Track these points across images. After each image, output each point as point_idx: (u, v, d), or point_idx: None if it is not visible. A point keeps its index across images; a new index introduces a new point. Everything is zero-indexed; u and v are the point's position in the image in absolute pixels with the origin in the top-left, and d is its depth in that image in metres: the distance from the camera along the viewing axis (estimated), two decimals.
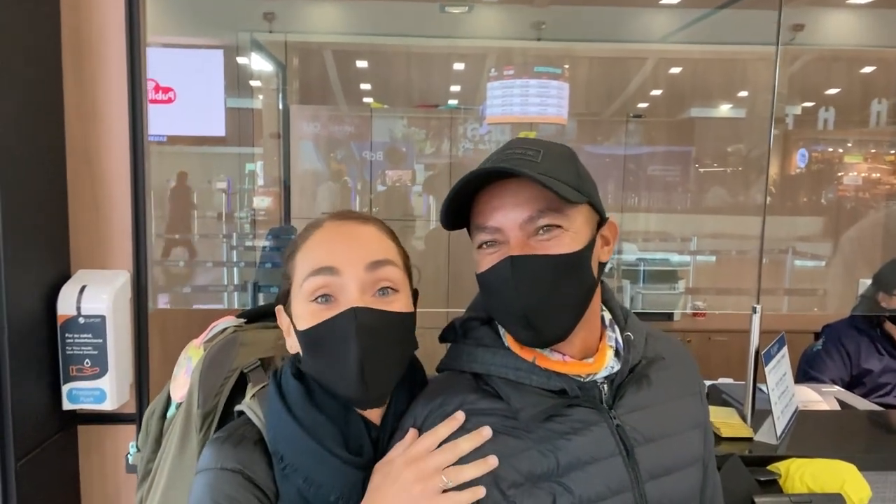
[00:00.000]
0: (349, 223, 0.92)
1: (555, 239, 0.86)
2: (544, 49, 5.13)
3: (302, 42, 5.37)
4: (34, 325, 1.47)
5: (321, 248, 0.89)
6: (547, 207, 0.85)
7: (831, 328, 2.64)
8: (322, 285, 0.86)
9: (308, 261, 0.88)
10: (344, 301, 0.86)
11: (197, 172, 4.86)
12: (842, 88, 5.58)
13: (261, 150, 5.01)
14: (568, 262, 0.86)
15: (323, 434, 0.86)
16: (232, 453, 0.86)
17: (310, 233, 0.92)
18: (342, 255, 0.87)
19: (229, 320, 1.11)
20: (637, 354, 0.95)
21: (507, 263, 0.85)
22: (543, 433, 0.87)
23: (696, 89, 5.61)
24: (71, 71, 1.55)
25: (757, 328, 1.76)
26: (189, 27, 4.28)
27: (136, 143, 1.58)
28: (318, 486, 0.85)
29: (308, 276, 0.87)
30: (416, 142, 5.06)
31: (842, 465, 1.51)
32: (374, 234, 0.92)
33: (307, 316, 0.87)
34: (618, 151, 5.18)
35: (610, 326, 0.97)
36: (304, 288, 0.87)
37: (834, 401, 2.13)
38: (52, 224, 1.54)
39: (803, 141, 5.39)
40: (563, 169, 0.88)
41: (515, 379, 0.90)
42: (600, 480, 0.86)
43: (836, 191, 5.25)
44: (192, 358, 1.05)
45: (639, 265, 3.98)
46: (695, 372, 1.04)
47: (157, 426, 1.09)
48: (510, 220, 0.86)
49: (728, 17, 4.85)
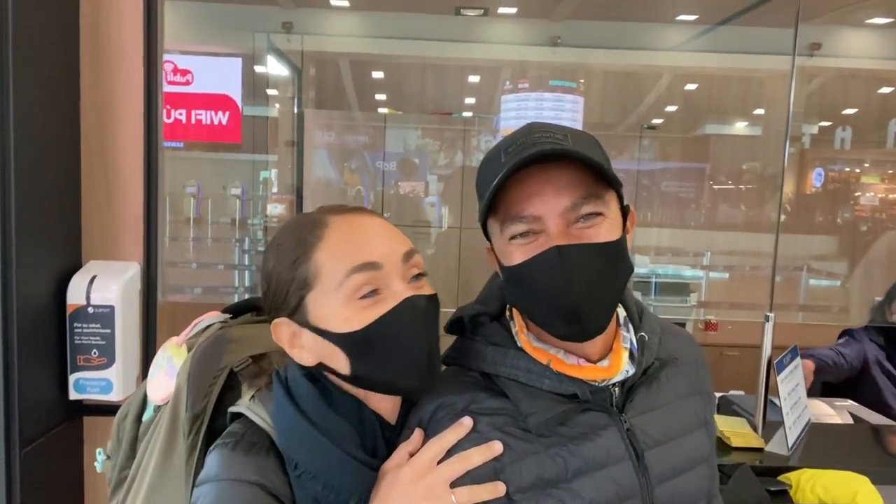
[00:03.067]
0: (361, 216, 0.88)
1: (595, 227, 0.81)
2: (559, 63, 5.15)
3: (318, 52, 5.43)
4: (43, 314, 1.47)
5: (352, 245, 0.83)
6: (589, 193, 0.81)
7: (850, 330, 2.66)
8: (367, 281, 0.81)
9: (341, 258, 0.82)
10: (390, 294, 0.82)
11: (211, 179, 4.91)
12: (859, 108, 5.56)
13: (275, 157, 5.05)
14: (613, 250, 0.82)
15: (342, 437, 0.82)
16: (245, 462, 0.81)
17: (322, 230, 0.85)
18: (378, 248, 0.83)
19: (213, 316, 1.03)
20: (651, 356, 0.91)
21: (555, 254, 0.79)
22: (552, 437, 0.84)
23: (711, 106, 5.60)
24: (88, 65, 1.57)
25: (769, 337, 1.74)
26: (209, 35, 4.34)
27: (149, 138, 1.59)
28: (337, 492, 0.81)
29: (350, 274, 0.81)
30: (430, 153, 5.08)
31: (854, 476, 1.48)
32: (387, 225, 0.89)
33: (355, 315, 0.81)
34: (632, 167, 5.17)
35: (624, 325, 0.93)
36: (344, 287, 0.81)
37: (847, 415, 2.10)
38: (65, 215, 1.55)
39: (820, 160, 5.37)
40: (594, 151, 0.83)
41: (526, 382, 0.87)
42: (610, 486, 0.83)
43: (853, 210, 5.21)
44: (174, 357, 0.97)
45: (651, 277, 3.95)
46: (704, 368, 1.01)
47: (132, 431, 1.01)
48: (551, 209, 0.81)
49: (744, 33, 4.86)
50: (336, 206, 0.89)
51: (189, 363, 0.93)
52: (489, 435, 0.84)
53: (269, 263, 0.87)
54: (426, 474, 0.82)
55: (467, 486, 0.81)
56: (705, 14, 4.90)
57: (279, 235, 0.88)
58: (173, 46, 2.76)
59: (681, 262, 4.61)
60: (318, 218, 0.86)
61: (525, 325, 0.91)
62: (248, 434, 0.84)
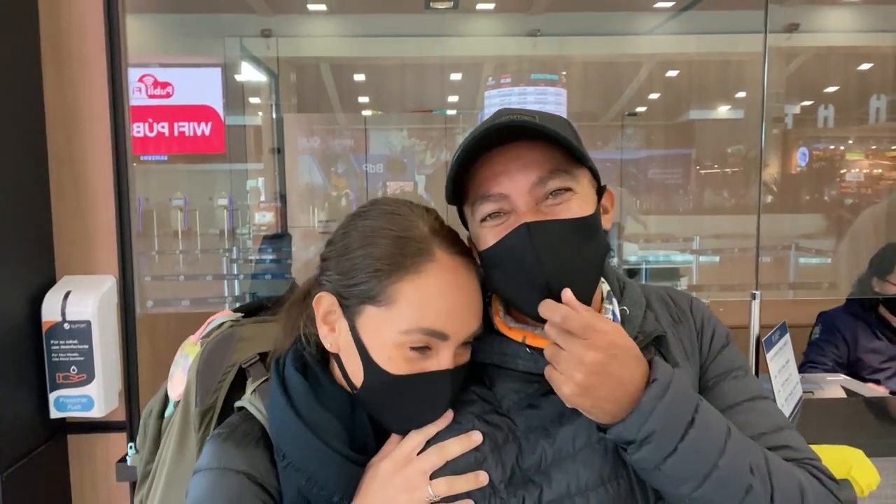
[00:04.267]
0: (461, 273, 0.84)
1: (565, 203, 0.81)
2: (540, 56, 5.14)
3: (296, 57, 5.41)
4: (18, 332, 1.45)
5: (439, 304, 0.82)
6: (556, 168, 0.80)
7: (827, 315, 2.61)
8: (427, 343, 0.81)
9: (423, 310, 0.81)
10: (436, 360, 0.82)
11: (195, 190, 4.88)
12: (840, 86, 5.57)
13: (260, 165, 5.03)
14: (585, 226, 0.81)
15: (327, 432, 0.82)
16: (235, 452, 0.82)
17: (425, 264, 0.82)
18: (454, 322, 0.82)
19: (226, 315, 1.07)
20: (633, 329, 0.88)
21: (524, 231, 0.78)
22: (530, 421, 0.83)
23: (694, 92, 5.61)
24: (51, 77, 1.55)
25: (757, 315, 1.73)
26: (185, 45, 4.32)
27: (118, 148, 1.57)
28: (321, 486, 0.81)
29: (415, 332, 0.81)
30: (417, 152, 5.07)
31: (849, 450, 1.47)
32: (474, 290, 0.86)
33: (398, 361, 0.81)
34: (616, 156, 5.17)
35: (607, 299, 0.92)
36: (407, 335, 0.81)
37: (839, 388, 2.09)
38: (36, 230, 1.53)
39: (803, 139, 5.37)
40: (563, 129, 0.82)
41: (500, 364, 0.86)
42: (591, 469, 0.81)
43: (839, 188, 5.22)
44: (189, 355, 1.01)
45: (640, 265, 3.94)
46: (692, 330, 0.97)
47: (156, 426, 1.05)
48: (518, 186, 0.80)
49: (720, 15, 4.87)
50: (447, 235, 0.86)
51: (198, 360, 0.97)
52: (469, 425, 0.83)
53: (353, 240, 0.85)
54: (405, 466, 0.82)
55: (446, 478, 0.81)
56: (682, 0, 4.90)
57: (383, 218, 0.85)
58: (152, 60, 2.75)
59: (670, 247, 4.61)
60: (428, 246, 0.83)
61: (501, 308, 0.91)
62: (243, 426, 0.86)
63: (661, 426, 0.74)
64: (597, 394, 0.75)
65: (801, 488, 0.80)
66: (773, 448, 0.84)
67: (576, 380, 0.75)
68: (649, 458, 0.75)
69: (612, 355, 0.76)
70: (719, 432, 0.77)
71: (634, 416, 0.75)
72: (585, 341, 0.75)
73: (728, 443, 0.77)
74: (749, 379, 0.94)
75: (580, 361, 0.75)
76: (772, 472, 0.78)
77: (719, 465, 0.75)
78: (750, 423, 0.86)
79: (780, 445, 0.85)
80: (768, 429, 0.87)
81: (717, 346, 0.96)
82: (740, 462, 0.76)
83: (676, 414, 0.76)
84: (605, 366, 0.75)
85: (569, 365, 0.76)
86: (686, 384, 0.81)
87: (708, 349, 0.95)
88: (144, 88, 2.42)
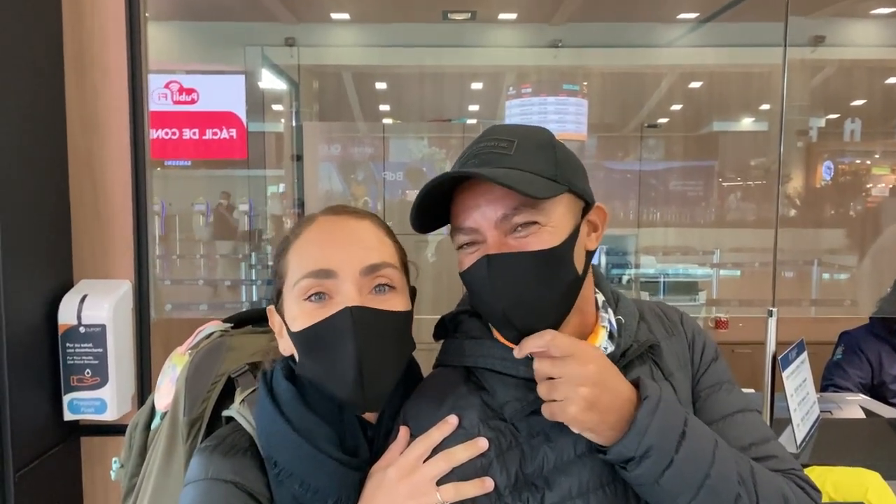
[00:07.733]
0: (343, 218, 0.89)
1: (532, 235, 0.83)
2: (562, 66, 5.14)
3: (320, 65, 5.46)
4: (35, 335, 1.47)
5: (315, 248, 0.86)
6: (521, 204, 0.82)
7: (849, 336, 2.53)
8: (314, 286, 0.83)
9: (302, 260, 0.85)
10: (340, 300, 0.82)
11: (216, 196, 4.94)
12: (868, 99, 5.49)
13: (281, 172, 5.08)
14: (546, 258, 0.83)
15: (317, 436, 0.83)
16: (223, 462, 0.83)
17: (302, 229, 0.88)
18: (337, 256, 0.83)
19: (215, 325, 1.08)
20: (629, 338, 0.91)
21: (484, 263, 0.83)
22: (532, 427, 0.85)
23: (717, 103, 5.57)
24: (73, 83, 1.57)
25: (773, 332, 1.70)
26: (206, 53, 4.38)
27: (136, 154, 1.59)
28: (314, 491, 0.81)
29: (301, 279, 0.84)
30: (436, 161, 5.08)
31: (865, 472, 1.44)
32: (370, 231, 0.88)
33: (301, 316, 0.83)
34: (636, 167, 5.14)
35: (603, 308, 0.94)
36: (296, 288, 0.84)
37: (858, 409, 2.05)
38: (55, 234, 1.55)
39: (828, 153, 5.30)
40: (539, 158, 0.84)
41: (502, 370, 0.88)
42: (591, 473, 0.83)
43: (864, 203, 5.13)
44: (177, 365, 1.01)
45: (658, 277, 3.91)
46: (683, 343, 0.98)
47: (142, 438, 1.05)
48: (486, 220, 0.84)
49: (745, 27, 4.82)
50: (336, 207, 0.92)
51: (187, 370, 0.97)
52: (474, 430, 0.85)
53: (275, 253, 0.93)
54: (411, 473, 0.83)
55: (453, 483, 0.82)
56: (705, 11, 4.87)
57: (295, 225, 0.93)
58: (178, 67, 2.79)
59: (690, 260, 4.56)
60: (311, 216, 0.90)
61: None
62: (231, 437, 0.87)
63: (657, 440, 0.77)
64: (601, 405, 0.78)
65: (784, 497, 0.82)
66: (762, 458, 0.87)
67: (581, 394, 0.77)
68: (648, 472, 0.78)
69: (606, 366, 0.81)
70: (708, 443, 0.81)
71: (632, 433, 0.78)
72: (578, 358, 0.79)
73: (716, 452, 0.80)
74: (737, 391, 0.97)
75: (581, 375, 0.78)
76: (757, 482, 0.81)
77: (711, 474, 0.78)
78: (740, 434, 0.90)
79: (767, 455, 0.88)
80: (757, 439, 0.90)
81: (707, 358, 0.99)
82: (728, 471, 0.80)
83: (670, 427, 0.79)
84: (603, 375, 0.80)
85: (570, 385, 0.78)
86: (673, 398, 0.85)
87: (699, 361, 0.98)
88: (170, 94, 2.46)
